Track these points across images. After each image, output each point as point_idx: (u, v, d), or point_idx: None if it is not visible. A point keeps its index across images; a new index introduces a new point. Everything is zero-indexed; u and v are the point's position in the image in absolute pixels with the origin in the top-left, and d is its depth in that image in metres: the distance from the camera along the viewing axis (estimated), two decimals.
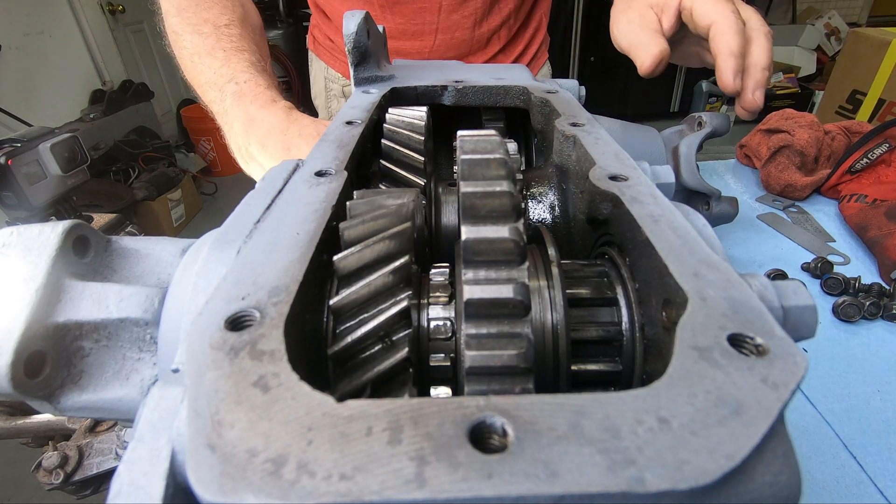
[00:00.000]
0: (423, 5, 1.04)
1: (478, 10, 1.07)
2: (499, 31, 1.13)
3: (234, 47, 0.77)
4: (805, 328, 0.24)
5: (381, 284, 0.25)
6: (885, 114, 2.44)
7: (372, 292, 0.24)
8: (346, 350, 0.24)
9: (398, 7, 1.05)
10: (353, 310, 0.25)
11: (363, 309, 0.25)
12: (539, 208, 0.44)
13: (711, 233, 0.29)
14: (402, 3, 1.05)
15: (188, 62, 0.79)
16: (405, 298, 0.25)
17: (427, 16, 1.06)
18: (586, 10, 4.49)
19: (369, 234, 0.26)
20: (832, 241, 0.98)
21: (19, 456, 1.95)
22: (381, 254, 0.25)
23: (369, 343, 0.24)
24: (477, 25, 1.09)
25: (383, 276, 0.24)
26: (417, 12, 1.05)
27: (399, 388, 0.24)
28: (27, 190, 1.97)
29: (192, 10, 0.81)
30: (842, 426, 0.63)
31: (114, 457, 0.70)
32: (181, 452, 0.18)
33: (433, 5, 1.04)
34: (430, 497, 0.14)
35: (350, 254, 0.25)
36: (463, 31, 1.08)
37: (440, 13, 1.05)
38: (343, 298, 0.24)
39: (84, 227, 0.31)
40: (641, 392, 0.17)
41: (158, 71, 4.34)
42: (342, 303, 0.24)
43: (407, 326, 0.25)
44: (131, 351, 0.30)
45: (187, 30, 0.80)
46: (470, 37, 1.09)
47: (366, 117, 0.45)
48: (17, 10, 3.04)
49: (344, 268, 0.25)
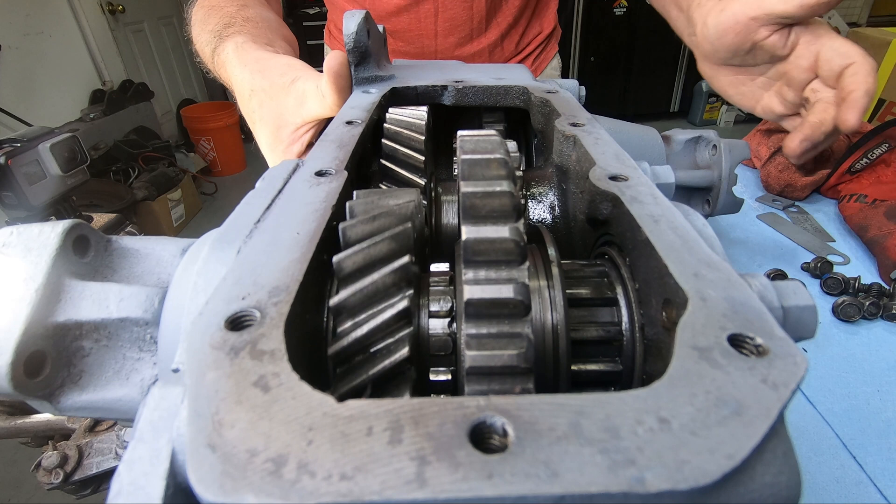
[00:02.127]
0: (420, 32, 1.09)
1: (473, 30, 1.10)
2: (501, 44, 1.16)
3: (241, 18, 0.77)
4: (805, 328, 0.24)
5: (382, 284, 0.25)
6: (885, 114, 2.44)
7: (372, 292, 0.24)
8: (346, 350, 0.24)
9: (399, 34, 1.10)
10: (352, 309, 0.25)
11: (363, 309, 0.25)
12: (539, 208, 0.44)
13: (711, 233, 0.29)
14: (402, 31, 1.10)
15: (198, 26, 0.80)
16: (405, 298, 0.25)
17: (425, 40, 1.11)
18: (586, 10, 4.50)
19: (370, 234, 0.26)
20: (832, 241, 0.98)
21: (19, 456, 1.95)
22: (382, 254, 0.25)
23: (369, 343, 0.24)
24: (475, 41, 1.13)
25: (383, 277, 0.24)
26: (416, 38, 1.10)
27: (399, 387, 0.24)
28: (27, 190, 1.97)
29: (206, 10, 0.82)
30: (842, 426, 0.63)
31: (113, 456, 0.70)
32: (181, 452, 0.18)
33: (429, 31, 1.09)
34: (431, 497, 0.14)
35: (350, 254, 0.25)
36: (461, 48, 1.12)
37: (437, 38, 1.10)
38: (343, 298, 0.24)
39: (84, 227, 0.31)
40: (642, 392, 0.17)
41: (158, 71, 4.34)
42: (342, 303, 0.24)
43: (407, 326, 0.25)
44: (131, 351, 0.30)
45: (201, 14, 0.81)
46: (470, 53, 1.13)
47: (366, 117, 0.45)
48: (17, 10, 3.03)
49: (344, 268, 0.25)
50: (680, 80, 4.88)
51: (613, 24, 4.56)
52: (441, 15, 1.07)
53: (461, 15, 1.08)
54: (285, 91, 0.57)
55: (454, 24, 1.09)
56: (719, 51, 0.73)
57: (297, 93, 0.56)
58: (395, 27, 1.09)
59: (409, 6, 1.06)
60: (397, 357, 0.24)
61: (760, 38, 0.67)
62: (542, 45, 1.24)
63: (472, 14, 1.08)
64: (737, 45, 0.70)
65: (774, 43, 0.67)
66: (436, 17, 1.07)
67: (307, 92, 0.55)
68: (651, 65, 4.73)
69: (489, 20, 1.10)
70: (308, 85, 0.55)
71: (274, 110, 0.59)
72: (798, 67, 0.68)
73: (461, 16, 1.08)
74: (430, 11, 1.06)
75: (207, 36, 0.74)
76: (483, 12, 1.08)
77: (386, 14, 1.08)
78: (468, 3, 1.07)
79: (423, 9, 1.06)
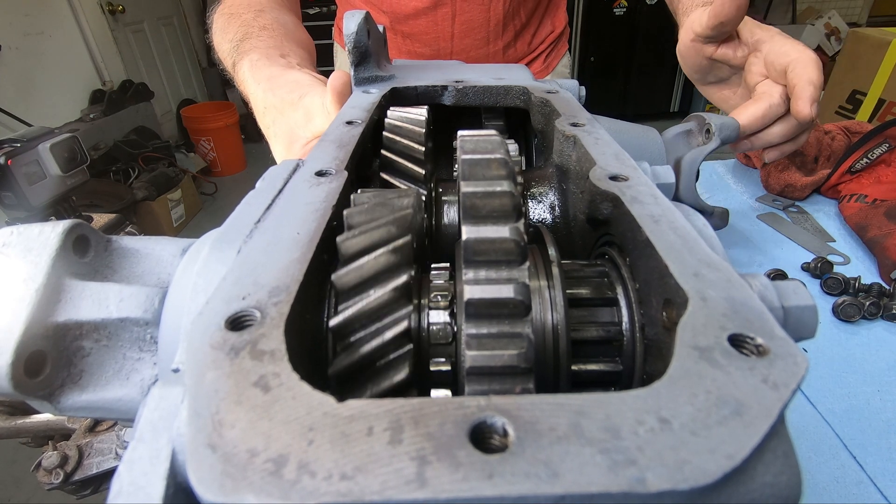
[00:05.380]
0: (437, 35, 1.10)
1: (490, 32, 1.11)
2: (514, 44, 1.17)
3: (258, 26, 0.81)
4: (805, 328, 0.24)
5: (381, 303, 0.24)
6: (885, 114, 2.44)
7: (372, 311, 0.24)
8: (347, 370, 0.24)
9: (416, 36, 1.11)
10: (352, 328, 0.24)
11: (363, 327, 0.24)
12: (539, 208, 0.44)
13: (712, 233, 0.29)
14: (416, 33, 1.10)
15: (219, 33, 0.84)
16: (405, 318, 0.24)
17: (441, 42, 1.12)
18: (586, 10, 4.50)
19: (368, 248, 0.25)
20: (832, 241, 0.98)
21: (19, 456, 1.95)
22: (381, 269, 0.25)
23: (369, 363, 0.24)
24: (491, 43, 1.13)
25: (383, 295, 0.24)
26: (432, 40, 1.11)
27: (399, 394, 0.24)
28: (27, 190, 1.97)
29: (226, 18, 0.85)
30: (842, 426, 0.63)
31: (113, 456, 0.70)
32: (182, 452, 0.18)
33: (445, 34, 1.10)
34: (431, 497, 0.14)
35: (349, 271, 0.24)
36: (477, 50, 1.13)
37: (453, 39, 1.11)
38: (343, 319, 0.24)
39: (84, 227, 0.30)
40: (642, 392, 0.17)
41: (158, 71, 4.34)
42: (342, 323, 0.24)
43: (408, 343, 0.25)
44: (131, 351, 0.30)
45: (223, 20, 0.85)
46: (485, 54, 1.14)
47: (366, 117, 0.45)
48: (16, 10, 3.03)
49: (343, 286, 0.24)
50: (680, 80, 4.88)
51: (613, 24, 4.56)
52: (458, 18, 1.08)
53: (478, 18, 1.08)
54: (294, 107, 0.61)
55: (471, 27, 1.10)
56: (693, 73, 0.82)
57: (304, 109, 0.60)
58: (413, 30, 1.10)
59: (427, 9, 1.07)
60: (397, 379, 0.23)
61: (710, 53, 0.76)
62: (554, 43, 1.25)
63: (490, 17, 1.09)
64: (697, 63, 0.79)
65: (725, 54, 0.75)
66: (453, 19, 1.08)
67: (313, 108, 0.59)
68: (651, 65, 4.73)
69: (506, 23, 1.11)
70: (314, 101, 0.59)
71: (285, 126, 0.63)
72: (753, 73, 0.75)
73: (478, 18, 1.09)
74: (447, 14, 1.07)
75: (227, 45, 0.79)
76: (500, 15, 1.09)
77: (404, 16, 1.08)
78: (485, 6, 1.07)
79: (441, 12, 1.07)
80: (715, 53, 0.76)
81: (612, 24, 4.56)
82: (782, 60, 0.69)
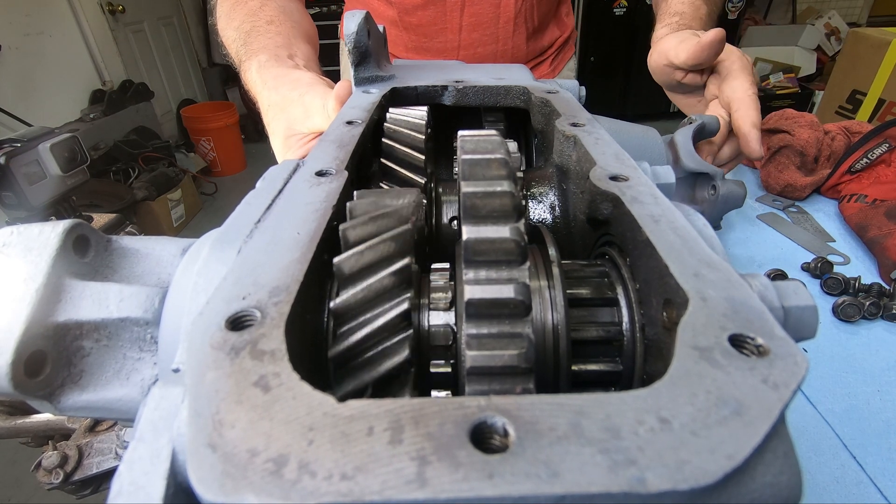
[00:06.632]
0: (444, 26, 1.10)
1: (499, 29, 1.10)
2: (524, 46, 1.16)
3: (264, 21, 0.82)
4: (805, 328, 0.24)
5: (382, 286, 0.24)
6: (885, 114, 2.44)
7: (372, 294, 0.24)
8: (347, 352, 0.24)
9: (421, 28, 1.10)
10: (353, 312, 0.25)
11: (364, 310, 0.25)
12: (539, 208, 0.44)
13: (712, 233, 0.29)
14: (424, 24, 1.09)
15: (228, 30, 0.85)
16: (406, 300, 0.25)
17: (448, 35, 1.11)
18: (586, 10, 4.49)
19: (370, 236, 0.26)
20: (832, 241, 0.98)
21: (19, 456, 1.94)
22: (382, 255, 0.25)
23: (370, 345, 0.24)
24: (500, 41, 1.12)
25: (384, 278, 0.24)
26: (439, 32, 1.10)
27: (400, 388, 0.24)
28: (27, 190, 1.97)
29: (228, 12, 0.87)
30: (842, 426, 0.63)
31: (114, 456, 0.70)
32: (182, 452, 0.18)
33: (454, 25, 1.09)
34: (432, 497, 0.14)
35: (350, 255, 0.25)
36: (484, 46, 1.12)
37: (461, 32, 1.10)
38: (344, 301, 0.24)
39: (84, 227, 0.30)
40: (642, 392, 0.17)
41: (158, 71, 4.34)
42: (343, 305, 0.24)
43: (408, 327, 0.25)
44: (132, 350, 0.30)
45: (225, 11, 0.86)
46: (493, 52, 1.13)
47: (366, 117, 0.45)
48: (17, 10, 3.03)
49: (344, 269, 0.25)
50: None
51: (613, 24, 4.55)
52: (467, 10, 1.07)
53: (488, 11, 1.08)
54: (294, 104, 0.64)
55: (480, 21, 1.09)
56: (660, 82, 0.89)
57: (304, 106, 0.62)
58: (421, 21, 1.09)
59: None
60: (397, 360, 0.24)
61: (679, 78, 0.83)
62: (561, 46, 1.25)
63: (500, 13, 1.08)
64: (665, 82, 0.87)
65: (691, 80, 0.82)
66: (462, 10, 1.07)
67: (312, 106, 0.61)
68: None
69: (517, 23, 1.10)
70: (315, 101, 0.61)
71: (284, 121, 0.65)
72: (710, 90, 0.83)
73: (487, 13, 1.08)
74: (456, 4, 1.06)
75: (233, 34, 0.81)
76: (511, 13, 1.08)
77: (412, 7, 1.07)
78: (496, 1, 1.07)
79: (450, 2, 1.06)
80: (684, 79, 0.83)
81: (612, 24, 4.55)
82: (728, 95, 0.77)
